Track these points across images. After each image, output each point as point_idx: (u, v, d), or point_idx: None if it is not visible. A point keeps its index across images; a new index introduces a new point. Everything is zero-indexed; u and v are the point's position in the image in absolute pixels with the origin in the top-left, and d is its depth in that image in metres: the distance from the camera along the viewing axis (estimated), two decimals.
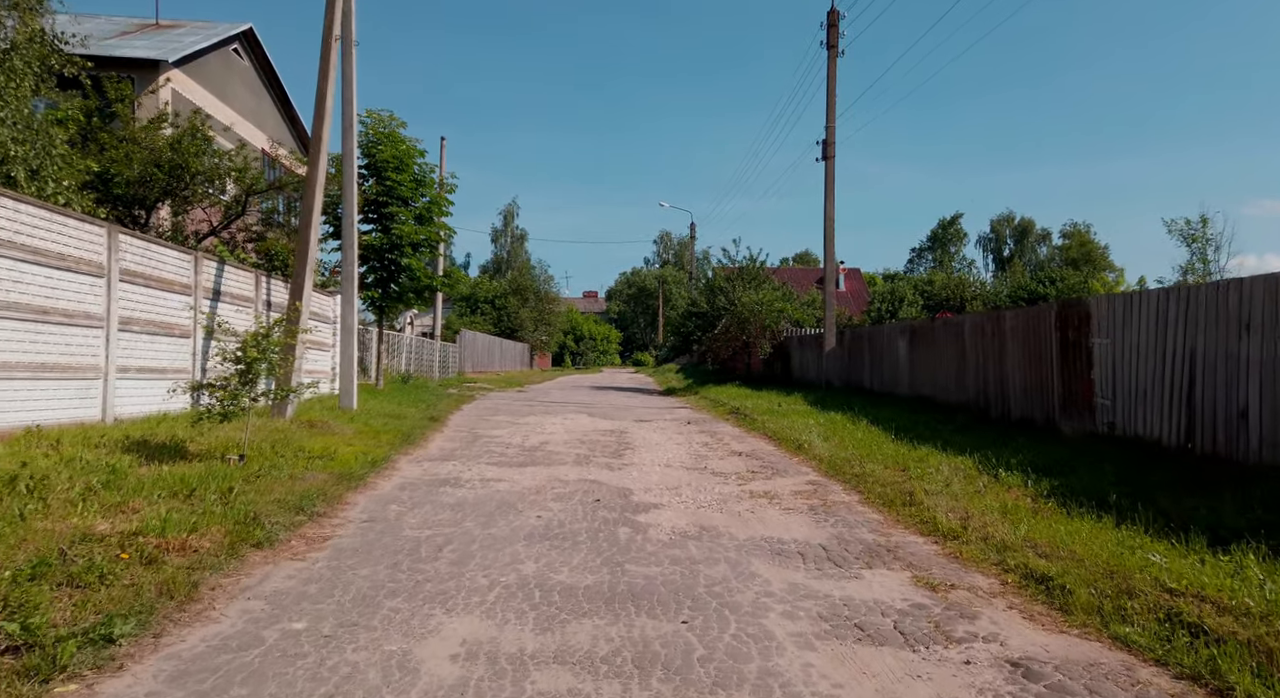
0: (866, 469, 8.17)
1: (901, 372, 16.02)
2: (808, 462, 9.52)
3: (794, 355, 25.78)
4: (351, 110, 12.38)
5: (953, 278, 61.54)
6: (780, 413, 14.86)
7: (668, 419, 16.03)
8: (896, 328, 16.42)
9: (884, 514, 6.53)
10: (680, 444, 11.54)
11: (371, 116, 20.16)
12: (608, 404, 20.34)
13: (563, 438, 11.97)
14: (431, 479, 7.76)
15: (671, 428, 14.16)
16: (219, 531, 4.59)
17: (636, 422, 15.30)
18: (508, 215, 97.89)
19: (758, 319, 26.76)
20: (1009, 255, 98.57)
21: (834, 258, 19.42)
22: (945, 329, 13.84)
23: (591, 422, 15.17)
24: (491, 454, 9.77)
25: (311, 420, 9.90)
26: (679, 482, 8.15)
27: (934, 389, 14.38)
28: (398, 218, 19.93)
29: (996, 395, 11.77)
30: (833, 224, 19.38)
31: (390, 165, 19.96)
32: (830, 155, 19.20)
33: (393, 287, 21.20)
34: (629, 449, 10.79)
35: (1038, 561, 4.74)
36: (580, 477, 8.28)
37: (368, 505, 6.24)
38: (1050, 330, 10.22)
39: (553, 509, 6.47)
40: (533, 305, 57.52)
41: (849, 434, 11.01)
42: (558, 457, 9.76)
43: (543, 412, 17.20)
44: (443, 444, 10.55)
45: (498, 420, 14.62)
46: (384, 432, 10.34)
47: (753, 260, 29.25)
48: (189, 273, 10.24)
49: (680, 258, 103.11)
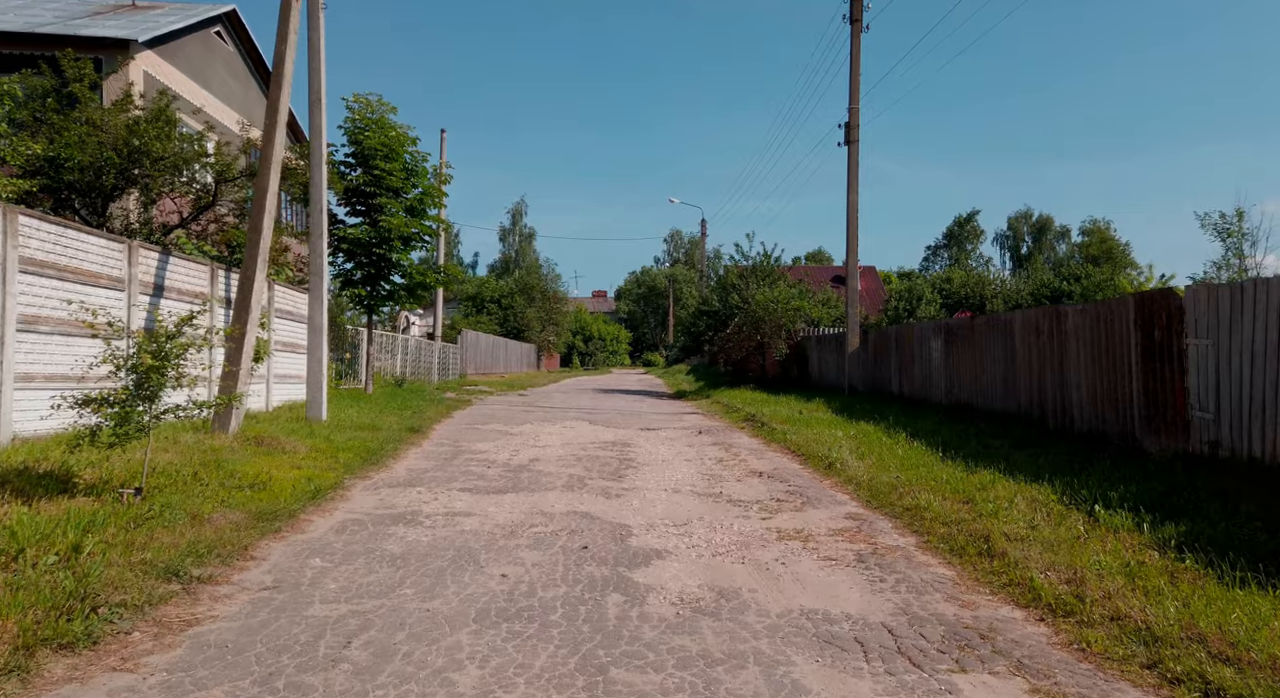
0: (920, 500, 6.64)
1: (936, 375, 14.47)
2: (843, 487, 8.00)
3: (812, 357, 24.23)
4: (319, 82, 10.96)
5: (971, 275, 59.69)
6: (802, 422, 13.34)
7: (677, 428, 14.54)
8: (930, 327, 14.87)
9: (956, 569, 5.01)
10: (691, 460, 10.05)
11: (359, 101, 18.77)
12: (612, 409, 18.87)
13: (557, 453, 10.50)
14: (384, 514, 6.30)
15: (681, 439, 12.67)
16: (12, 625, 3.13)
17: (642, 431, 13.82)
18: (516, 214, 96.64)
19: (773, 318, 25.22)
20: (1027, 253, 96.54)
21: (857, 251, 17.88)
22: (990, 328, 12.28)
23: (593, 431, 13.70)
24: (469, 476, 8.31)
25: (259, 436, 8.47)
26: (689, 514, 6.66)
27: (975, 395, 12.82)
28: (387, 210, 18.53)
29: (1055, 405, 10.21)
30: (856, 214, 17.82)
31: (379, 153, 18.56)
32: (854, 140, 17.64)
33: (382, 284, 19.84)
34: (631, 468, 9.31)
35: (1219, 669, 3.22)
36: (569, 508, 6.81)
37: (280, 561, 4.77)
38: (1127, 329, 8.66)
39: (525, 562, 4.99)
40: (539, 305, 56.12)
41: (887, 450, 9.48)
42: (547, 479, 8.28)
43: (540, 419, 15.75)
44: (415, 463, 9.10)
45: (488, 430, 13.16)
46: (347, 448, 8.90)
47: (767, 256, 27.72)
48: (121, 264, 8.82)
49: (691, 257, 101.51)
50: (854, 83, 17.58)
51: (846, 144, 17.75)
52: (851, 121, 17.66)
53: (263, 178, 9.31)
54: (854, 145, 17.66)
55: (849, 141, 17.68)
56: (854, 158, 17.67)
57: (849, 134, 17.71)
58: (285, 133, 9.72)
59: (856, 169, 17.69)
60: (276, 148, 9.35)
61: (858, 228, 17.87)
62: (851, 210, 17.84)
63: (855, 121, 17.63)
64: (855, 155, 17.65)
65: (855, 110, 17.58)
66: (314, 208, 11.09)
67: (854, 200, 17.79)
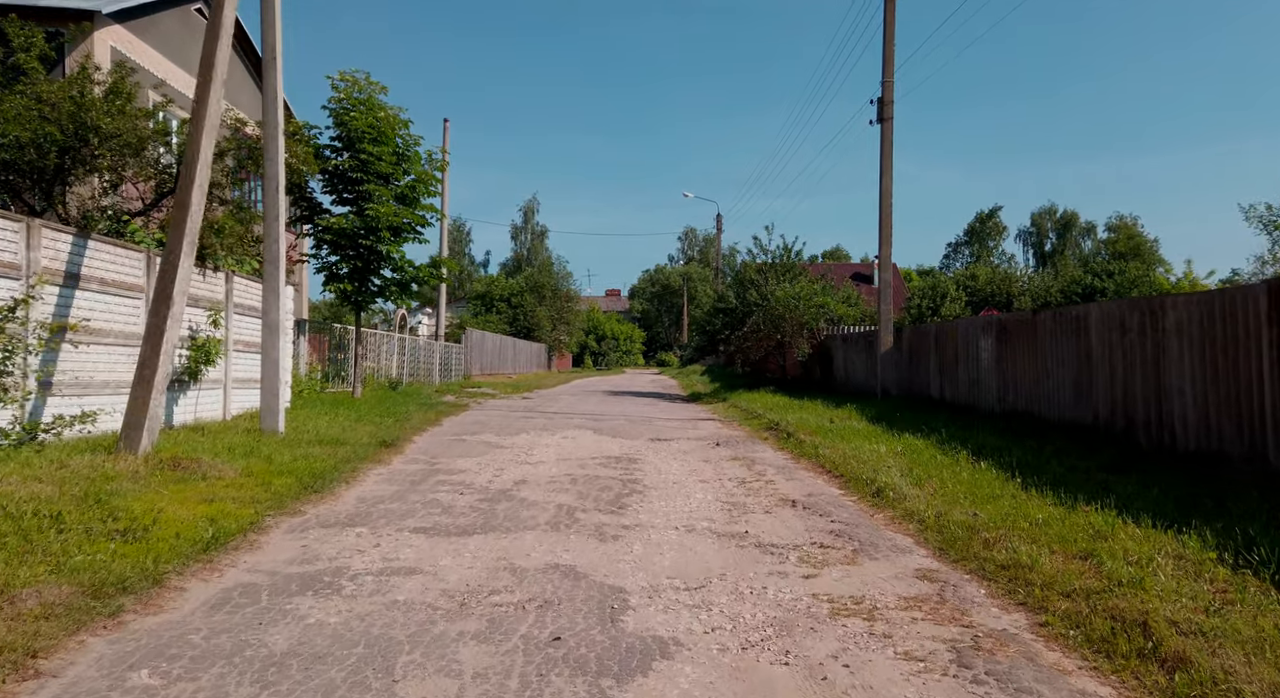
0: (1018, 553, 4.94)
1: (985, 379, 12.72)
2: (902, 524, 6.31)
3: (836, 357, 22.48)
4: (274, 36, 9.41)
5: (998, 272, 57.63)
6: (835, 432, 11.64)
7: (691, 438, 12.88)
8: (978, 323, 13.12)
9: (1114, 686, 3.32)
10: (707, 482, 8.40)
11: (345, 79, 17.22)
12: (621, 415, 17.24)
13: (550, 472, 8.87)
14: (295, 575, 4.68)
15: (696, 452, 11.01)
16: None
17: (652, 442, 12.17)
18: (528, 212, 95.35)
19: (794, 316, 23.50)
20: (1050, 250, 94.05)
21: (890, 241, 16.13)
22: (1056, 325, 10.52)
23: (596, 442, 12.07)
24: (432, 508, 6.69)
25: (177, 458, 6.89)
26: (707, 569, 5.01)
27: (1035, 402, 11.08)
28: (375, 197, 16.99)
29: (1149, 417, 8.46)
30: (890, 200, 16.07)
31: (366, 136, 17.00)
32: (887, 117, 15.89)
33: (371, 279, 18.29)
34: (636, 493, 7.67)
35: None
36: (549, 559, 5.17)
37: (79, 681, 3.14)
38: (1256, 325, 6.92)
39: (463, 672, 3.35)
40: (550, 304, 54.59)
41: (947, 473, 7.76)
42: (529, 511, 6.66)
43: (539, 427, 14.13)
44: (372, 488, 7.48)
45: (475, 442, 11.55)
46: (289, 471, 7.30)
47: (787, 250, 26.01)
48: (17, 248, 7.28)
49: (705, 255, 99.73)
50: (888, 53, 15.84)
51: (879, 121, 16.01)
52: (885, 97, 15.92)
53: (193, 142, 7.73)
54: (888, 123, 15.91)
55: (882, 119, 15.94)
56: (888, 137, 15.93)
57: (882, 110, 15.97)
58: (222, 91, 8.14)
59: (890, 150, 15.94)
60: (211, 107, 7.78)
61: (891, 215, 16.13)
62: (885, 195, 16.10)
63: (889, 97, 15.88)
64: (889, 134, 15.90)
65: (890, 84, 15.83)
66: (268, 184, 9.52)
67: (888, 185, 16.04)
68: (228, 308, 11.22)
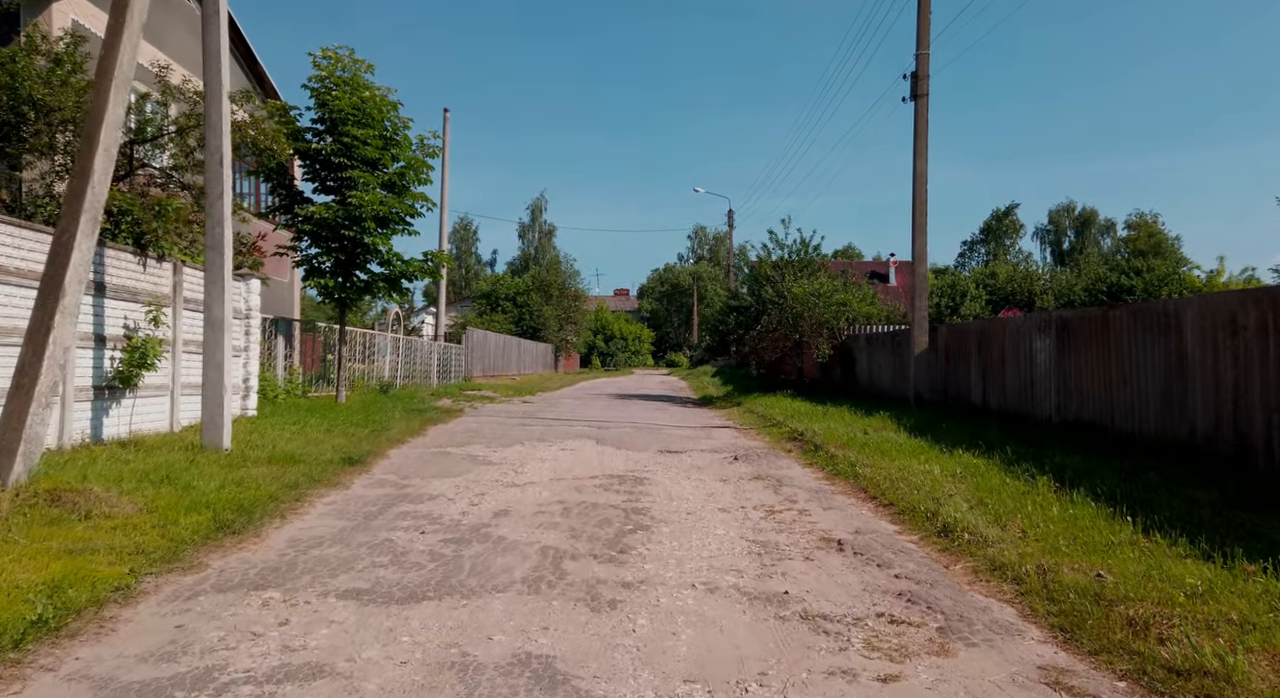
0: (1198, 651, 3.41)
1: (1041, 384, 11.17)
2: (991, 583, 4.78)
3: (859, 358, 20.94)
4: None
5: (1019, 270, 55.90)
6: (871, 446, 10.12)
7: (706, 450, 11.39)
8: (1033, 321, 11.56)
9: None
10: (728, 511, 6.91)
11: (328, 56, 15.81)
12: (627, 421, 15.76)
13: (538, 497, 7.40)
14: (132, 686, 3.20)
15: (712, 468, 9.52)
16: None
17: (662, 455, 10.69)
18: (535, 210, 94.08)
19: (813, 314, 21.96)
20: (1069, 248, 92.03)
21: (926, 230, 14.59)
22: (1136, 322, 8.97)
23: (598, 455, 10.60)
24: (381, 555, 5.21)
25: (58, 490, 5.42)
26: (740, 665, 3.52)
27: (1106, 412, 9.53)
28: (359, 185, 15.57)
29: (1270, 434, 6.90)
30: (925, 184, 14.52)
31: (350, 118, 15.58)
32: (922, 93, 14.34)
33: (356, 273, 16.87)
34: (642, 528, 6.19)
35: None
36: (516, 647, 3.68)
37: None
38: None
39: None
40: (557, 303, 53.17)
41: (1030, 506, 6.22)
42: (504, 560, 5.18)
43: (536, 437, 12.67)
44: (311, 525, 6.01)
45: (460, 457, 10.09)
46: (207, 504, 5.83)
47: (805, 244, 24.42)
48: None
49: (716, 253, 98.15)
50: (922, 22, 14.30)
51: (914, 99, 14.46)
52: (920, 71, 14.37)
53: (99, 97, 6.29)
54: (922, 100, 14.36)
55: (916, 96, 14.39)
56: (923, 115, 14.38)
57: (916, 86, 14.41)
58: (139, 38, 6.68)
59: (926, 130, 14.39)
60: (123, 57, 6.34)
61: (926, 202, 14.57)
62: (919, 180, 14.54)
63: (924, 71, 14.33)
64: (924, 112, 14.35)
65: (924, 56, 14.28)
66: (210, 156, 8.07)
67: (922, 169, 14.49)
68: (176, 303, 9.79)
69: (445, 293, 30.62)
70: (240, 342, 11.49)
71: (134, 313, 8.96)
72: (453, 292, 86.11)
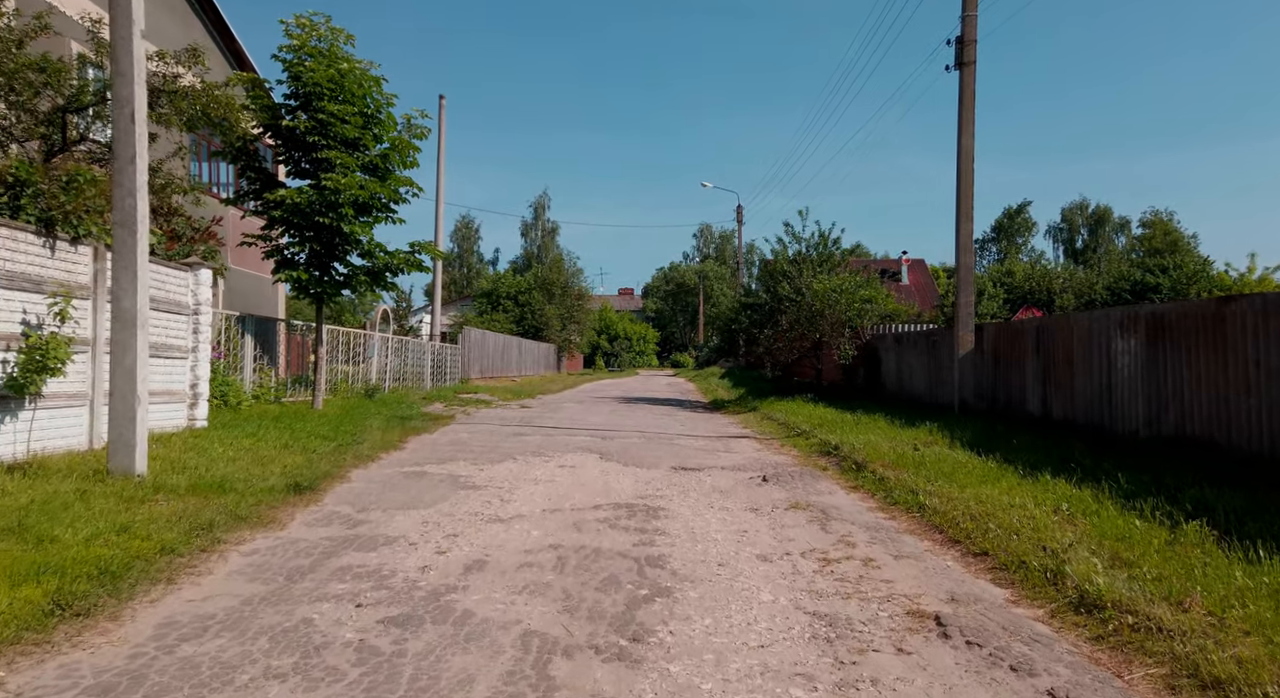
0: None
1: (1125, 391, 9.49)
2: None
3: (886, 360, 19.27)
4: None
5: (1037, 268, 54.07)
6: (928, 466, 8.46)
7: (727, 466, 9.75)
8: (1112, 317, 9.88)
9: None
10: (770, 561, 5.28)
11: (301, 23, 14.16)
12: (634, 429, 14.11)
13: (525, 540, 5.77)
14: None
15: (738, 492, 7.88)
16: None
17: (677, 473, 9.05)
18: (538, 208, 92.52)
19: (834, 312, 20.31)
20: (1082, 247, 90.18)
21: (971, 215, 12.92)
22: (1269, 317, 7.28)
23: (601, 474, 8.97)
24: (286, 652, 3.58)
25: None
26: None
27: (1217, 427, 7.86)
28: (336, 166, 13.95)
29: None
30: (971, 163, 12.84)
31: (326, 92, 13.94)
32: (969, 61, 12.66)
33: (335, 266, 15.25)
34: (661, 594, 4.56)
35: None
36: None
37: None
38: None
39: None
40: (560, 302, 51.54)
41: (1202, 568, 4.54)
42: (463, 658, 3.54)
43: (532, 450, 11.04)
44: (205, 594, 4.37)
45: (437, 479, 8.45)
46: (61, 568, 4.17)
47: (824, 237, 22.76)
48: None
49: (722, 252, 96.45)
50: None
51: (958, 67, 12.78)
52: (965, 35, 12.69)
53: None
54: (969, 68, 12.68)
55: (962, 63, 12.71)
56: (969, 85, 12.70)
57: (962, 52, 12.74)
58: None
59: (973, 100, 12.71)
60: None
61: (973, 183, 12.90)
62: (965, 158, 12.86)
63: (971, 35, 12.66)
64: (971, 81, 12.67)
65: (972, 19, 12.61)
66: (119, 111, 6.43)
67: (968, 144, 12.81)
68: (98, 295, 8.18)
69: (441, 290, 29.02)
70: (185, 340, 9.88)
71: (37, 306, 7.35)
72: (454, 291, 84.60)
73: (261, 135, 14.42)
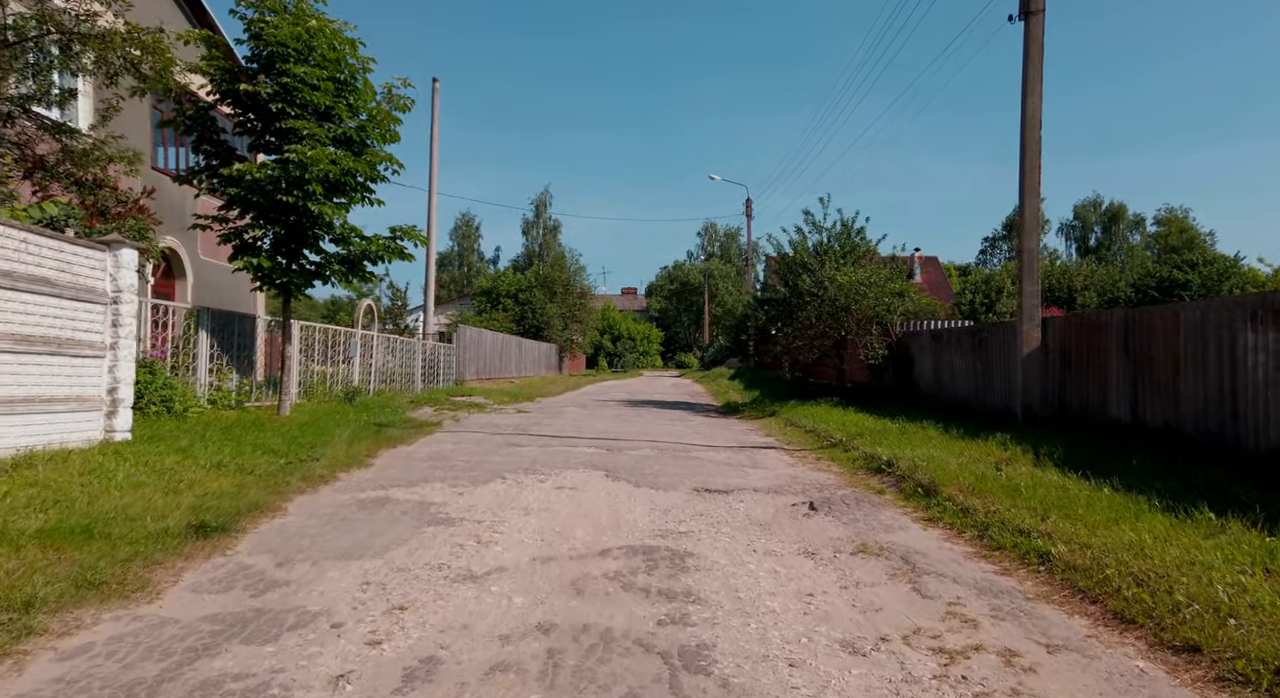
0: None
1: (1258, 400, 7.65)
2: None
3: (921, 359, 17.44)
4: None
5: (1056, 266, 52.12)
6: (1025, 494, 6.64)
7: (761, 488, 7.93)
8: (1244, 305, 8.03)
9: None
10: (866, 657, 3.44)
11: None
12: (644, 438, 12.28)
13: (501, 618, 3.96)
14: None
15: (784, 527, 6.05)
16: None
17: (700, 497, 7.23)
18: (540, 205, 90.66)
19: (861, 308, 18.49)
20: (1095, 244, 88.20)
21: (1039, 189, 11.09)
22: None
23: (608, 499, 7.15)
24: None
25: None
26: None
27: None
28: (304, 138, 12.16)
29: None
30: (1037, 130, 11.00)
31: (292, 52, 12.12)
32: (1037, 9, 10.83)
33: (306, 253, 13.46)
34: None
35: None
36: None
37: None
38: None
39: None
40: (562, 300, 49.73)
41: None
42: None
43: (524, 466, 9.23)
44: None
45: (400, 510, 6.63)
46: None
47: (847, 227, 20.93)
48: None
49: (727, 251, 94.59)
50: None
51: (1023, 16, 10.94)
52: None
53: None
54: (1036, 17, 10.85)
55: (1029, 12, 10.87)
56: (1036, 37, 10.86)
57: (1028, 2, 10.91)
58: None
59: (1040, 55, 10.87)
60: None
61: (1040, 151, 11.05)
62: (1030, 122, 11.01)
63: None
64: (1039, 32, 10.84)
65: None
66: None
67: (1035, 106, 10.97)
68: None
69: (441, 289, 27.22)
70: (99, 335, 8.09)
71: None
72: (453, 289, 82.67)
73: (220, 103, 12.65)
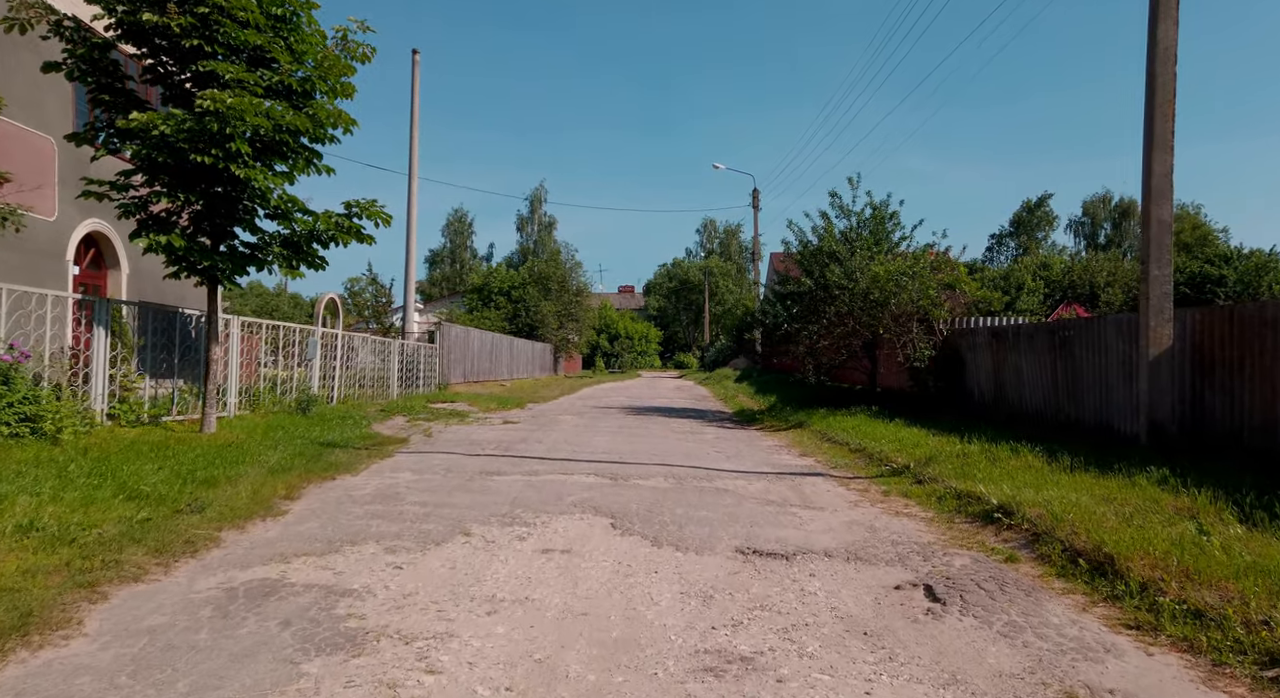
0: None
1: None
2: None
3: (975, 363, 14.93)
4: None
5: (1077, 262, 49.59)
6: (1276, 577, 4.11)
7: (833, 552, 5.33)
8: None
9: None
10: None
11: None
12: (655, 460, 9.70)
13: None
14: None
15: (911, 652, 3.41)
16: None
17: (750, 570, 4.59)
18: (535, 201, 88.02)
19: (900, 303, 15.97)
20: (1105, 241, 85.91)
21: (1170, 144, 8.55)
22: None
23: (618, 575, 4.51)
24: None
25: None
26: None
27: None
28: (229, 84, 9.58)
29: None
30: (1172, 64, 8.39)
31: None
32: None
33: (238, 231, 10.88)
34: None
35: None
36: None
37: None
38: None
39: None
40: (557, 298, 47.12)
41: None
42: None
43: (501, 512, 6.65)
44: None
45: (290, 607, 4.05)
46: None
47: (878, 212, 18.40)
48: None
49: (727, 248, 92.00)
50: None
51: None
52: None
53: None
54: None
55: None
56: None
57: None
58: None
59: None
60: None
61: (1174, 95, 8.51)
62: (1163, 58, 8.43)
63: None
64: None
65: None
66: None
67: (1169, 37, 8.39)
68: None
69: (414, 278, 24.62)
70: None
71: None
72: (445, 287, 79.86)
73: (121, 41, 10.05)
